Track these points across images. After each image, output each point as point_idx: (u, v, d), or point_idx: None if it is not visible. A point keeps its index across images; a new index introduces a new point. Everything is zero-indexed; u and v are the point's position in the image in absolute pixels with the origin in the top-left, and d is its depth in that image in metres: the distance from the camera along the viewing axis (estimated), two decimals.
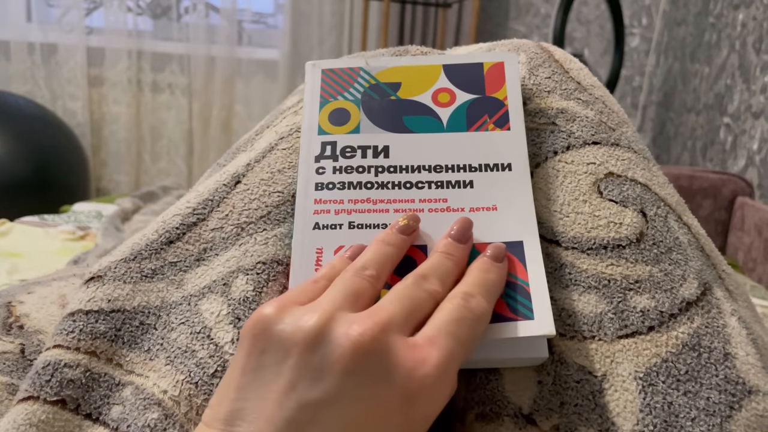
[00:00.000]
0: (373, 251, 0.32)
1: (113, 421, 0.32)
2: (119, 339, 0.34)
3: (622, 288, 0.34)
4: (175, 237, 0.38)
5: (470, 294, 0.29)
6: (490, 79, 0.39)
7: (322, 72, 0.41)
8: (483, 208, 0.35)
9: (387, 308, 0.27)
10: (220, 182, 0.40)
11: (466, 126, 0.38)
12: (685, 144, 1.72)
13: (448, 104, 0.39)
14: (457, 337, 0.27)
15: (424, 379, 0.25)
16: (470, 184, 0.36)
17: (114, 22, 2.43)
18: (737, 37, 1.46)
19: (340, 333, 0.25)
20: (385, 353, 0.25)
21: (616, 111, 0.42)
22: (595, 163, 0.38)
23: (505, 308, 0.31)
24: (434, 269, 0.31)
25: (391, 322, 0.26)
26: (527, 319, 0.31)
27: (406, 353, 0.26)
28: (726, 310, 0.35)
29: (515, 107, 0.38)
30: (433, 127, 0.38)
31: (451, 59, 0.40)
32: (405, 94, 0.39)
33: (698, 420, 0.31)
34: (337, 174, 0.36)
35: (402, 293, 0.29)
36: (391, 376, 0.25)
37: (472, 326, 0.28)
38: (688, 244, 0.37)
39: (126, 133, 2.50)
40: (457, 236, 0.33)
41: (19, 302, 0.47)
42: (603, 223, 0.36)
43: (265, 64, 2.59)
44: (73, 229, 1.12)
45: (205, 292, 0.35)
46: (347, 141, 0.38)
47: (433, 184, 0.36)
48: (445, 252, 0.32)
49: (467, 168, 0.36)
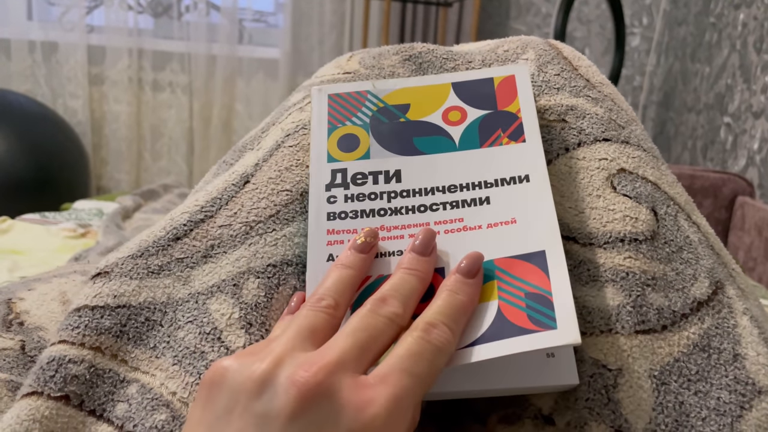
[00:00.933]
0: (330, 279, 0.31)
1: (118, 419, 0.32)
2: (124, 335, 0.34)
3: (641, 282, 0.34)
4: (183, 233, 0.37)
5: (432, 324, 0.28)
6: (502, 94, 0.38)
7: (328, 97, 0.40)
8: (501, 222, 0.33)
9: (338, 346, 0.27)
10: (229, 182, 0.40)
11: (479, 143, 0.36)
12: (685, 143, 1.72)
13: (459, 122, 0.38)
14: (411, 373, 0.26)
15: (372, 419, 0.25)
16: (487, 200, 0.34)
17: (115, 20, 2.42)
18: (738, 37, 1.46)
19: (285, 379, 0.25)
20: (330, 397, 0.25)
21: (624, 109, 0.42)
22: (607, 159, 0.38)
23: (525, 320, 0.30)
24: (395, 289, 0.30)
25: (341, 362, 0.26)
26: (550, 329, 0.29)
27: (352, 394, 0.25)
28: (738, 309, 0.34)
29: (529, 119, 0.37)
30: (445, 146, 0.37)
31: (460, 77, 0.40)
32: (414, 115, 0.38)
33: (709, 420, 0.31)
34: (349, 202, 0.35)
35: (357, 324, 0.28)
36: (337, 419, 0.24)
37: (431, 359, 0.27)
38: (699, 242, 0.37)
39: (127, 132, 2.50)
40: (419, 249, 0.32)
41: (19, 299, 0.47)
42: (619, 217, 0.36)
43: (266, 63, 2.59)
44: (74, 227, 1.12)
45: (214, 291, 0.35)
46: (358, 167, 0.37)
47: (448, 204, 0.35)
48: (408, 268, 0.31)
49: (483, 185, 0.35)
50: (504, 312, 0.30)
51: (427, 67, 0.45)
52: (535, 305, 0.30)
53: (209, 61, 2.51)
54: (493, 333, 0.29)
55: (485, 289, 0.31)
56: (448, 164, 0.36)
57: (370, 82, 0.40)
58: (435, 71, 0.45)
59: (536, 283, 0.31)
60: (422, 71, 0.45)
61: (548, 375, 0.31)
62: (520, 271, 0.31)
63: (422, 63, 0.45)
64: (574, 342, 0.28)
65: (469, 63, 0.45)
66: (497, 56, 0.45)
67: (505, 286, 0.31)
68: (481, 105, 0.38)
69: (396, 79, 0.40)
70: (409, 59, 0.46)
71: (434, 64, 0.45)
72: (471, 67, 0.45)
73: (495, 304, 0.31)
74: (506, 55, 0.44)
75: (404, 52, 0.46)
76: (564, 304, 0.30)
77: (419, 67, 0.45)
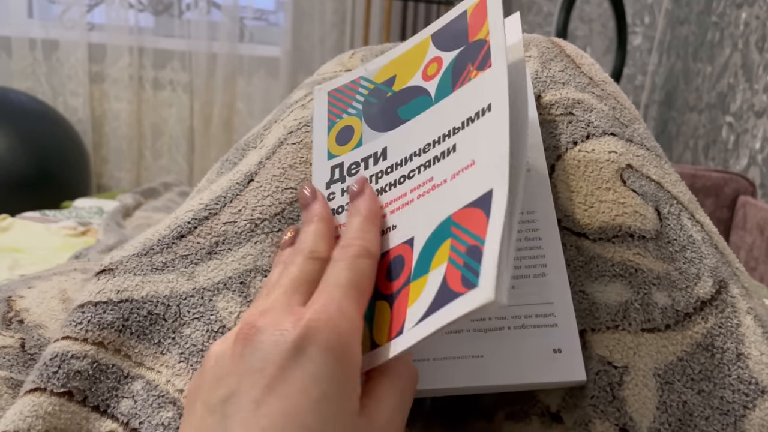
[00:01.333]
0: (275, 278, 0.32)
1: (123, 416, 0.31)
2: (127, 329, 0.34)
3: (648, 281, 0.33)
4: (187, 231, 0.37)
5: (344, 245, 0.30)
6: (473, 23, 0.34)
7: (328, 94, 0.39)
8: (462, 169, 0.30)
9: (270, 296, 0.28)
10: (234, 181, 0.40)
11: (451, 87, 0.34)
12: (687, 143, 1.72)
13: (435, 74, 0.35)
14: (336, 284, 0.28)
15: (307, 323, 0.25)
16: (453, 148, 0.31)
17: (115, 18, 2.42)
18: (740, 36, 1.46)
19: (229, 340, 0.27)
20: (265, 328, 0.26)
21: (628, 107, 0.41)
22: (617, 152, 0.37)
23: (458, 282, 0.26)
24: (302, 241, 0.32)
25: (271, 306, 0.27)
26: (472, 287, 0.25)
27: (285, 318, 0.26)
28: (741, 308, 0.34)
29: (497, 41, 0.32)
30: (424, 105, 0.34)
31: (439, 23, 0.37)
32: (399, 85, 0.37)
33: (712, 419, 0.31)
34: (345, 195, 0.35)
35: (279, 278, 0.29)
36: (276, 340, 0.25)
37: (352, 267, 0.29)
38: (702, 241, 0.36)
39: (127, 130, 2.50)
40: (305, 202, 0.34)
41: (19, 297, 0.47)
42: (629, 211, 0.35)
43: (267, 62, 2.58)
44: (74, 225, 1.12)
45: (220, 288, 0.35)
46: (352, 158, 0.36)
47: (422, 167, 0.32)
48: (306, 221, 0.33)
49: (451, 132, 0.32)
50: (447, 275, 0.27)
51: None
52: (469, 260, 0.26)
53: (210, 59, 2.51)
54: (435, 304, 0.27)
55: (440, 252, 0.28)
56: (425, 123, 0.34)
57: (362, 66, 0.39)
58: None
59: (476, 231, 0.27)
60: None
61: (554, 371, 0.30)
62: (468, 221, 0.28)
63: None
64: (487, 301, 0.24)
65: None
66: None
67: (456, 244, 0.28)
68: (455, 45, 0.35)
69: (384, 54, 0.39)
70: None
71: None
72: None
73: (444, 267, 0.27)
74: None
75: None
76: (490, 253, 0.25)
77: None
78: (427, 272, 0.28)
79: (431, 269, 0.28)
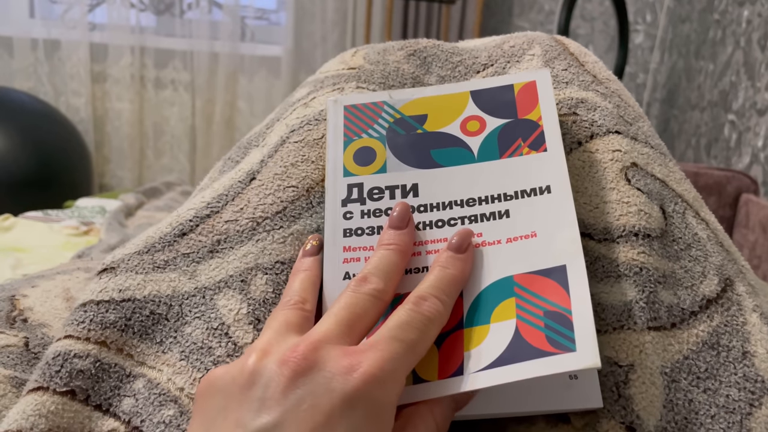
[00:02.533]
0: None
1: (125, 414, 0.31)
2: (129, 329, 0.34)
3: (654, 279, 0.33)
4: (188, 229, 0.37)
5: (422, 297, 0.29)
6: (522, 101, 0.37)
7: (344, 109, 0.39)
8: (521, 236, 0.32)
9: (320, 328, 0.28)
10: (236, 179, 0.40)
11: (498, 153, 0.35)
12: (689, 141, 1.72)
13: (477, 132, 0.36)
14: (400, 339, 0.27)
15: (364, 380, 0.25)
16: (506, 213, 0.33)
17: (117, 18, 2.42)
18: (742, 34, 1.45)
19: (274, 363, 0.26)
20: (320, 367, 0.26)
21: (632, 105, 0.41)
22: (621, 151, 0.37)
23: (544, 341, 0.28)
24: (374, 266, 0.31)
25: (325, 338, 0.27)
26: (568, 351, 0.28)
27: (342, 360, 0.26)
28: (747, 306, 0.34)
29: (551, 126, 0.35)
30: (464, 158, 0.35)
31: (479, 84, 0.38)
32: (432, 126, 0.37)
33: (718, 417, 0.31)
34: (365, 219, 0.34)
35: (338, 305, 0.29)
36: (330, 385, 0.25)
37: (421, 328, 0.28)
38: (707, 239, 0.36)
39: (129, 130, 2.50)
40: (395, 223, 0.33)
41: (22, 296, 0.47)
42: (633, 211, 0.35)
43: (268, 61, 2.58)
44: (77, 224, 1.12)
45: (222, 287, 0.35)
46: (374, 182, 0.36)
47: (466, 219, 0.34)
48: (386, 244, 0.32)
49: (502, 197, 0.34)
50: (522, 332, 0.29)
51: (431, 62, 0.45)
52: (554, 325, 0.29)
53: (211, 58, 2.51)
54: (510, 355, 0.29)
55: (504, 308, 0.30)
56: (466, 177, 0.35)
57: (386, 92, 0.39)
58: (440, 65, 0.44)
59: (556, 300, 0.30)
60: (427, 66, 0.44)
61: (572, 398, 0.30)
62: (540, 288, 0.30)
63: (427, 57, 0.45)
64: (593, 365, 0.27)
65: (476, 59, 0.45)
66: (503, 52, 0.44)
67: (523, 304, 0.30)
68: (501, 114, 0.37)
69: (413, 89, 0.39)
70: (414, 54, 0.45)
71: (439, 58, 0.45)
72: (477, 62, 0.44)
73: (513, 323, 0.30)
74: (512, 51, 0.44)
75: (409, 47, 0.46)
76: (584, 323, 0.28)
77: (424, 61, 0.45)
78: (487, 323, 0.30)
79: (492, 321, 0.30)
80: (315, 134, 0.40)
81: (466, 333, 0.30)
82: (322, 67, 0.48)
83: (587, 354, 0.27)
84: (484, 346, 0.29)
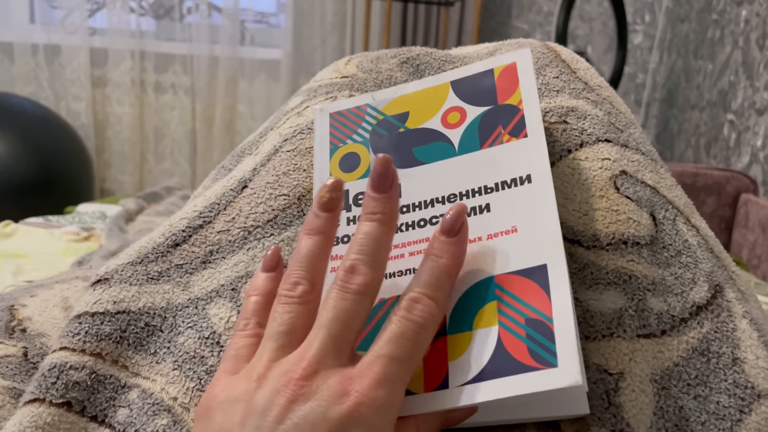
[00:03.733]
0: (301, 253, 0.30)
1: (120, 424, 0.32)
2: (124, 341, 0.34)
3: (643, 287, 0.33)
4: (182, 240, 0.38)
5: (414, 299, 0.28)
6: (502, 85, 0.35)
7: (330, 116, 0.38)
8: (502, 232, 0.31)
9: (314, 344, 0.27)
10: (228, 187, 0.40)
11: (479, 143, 0.34)
12: (688, 141, 1.72)
13: (458, 124, 0.35)
14: (395, 357, 0.27)
15: (359, 406, 0.25)
16: (487, 208, 0.32)
17: (117, 22, 2.43)
18: (740, 34, 1.45)
19: (268, 391, 0.26)
20: (315, 395, 0.26)
21: (623, 112, 0.41)
22: (610, 159, 0.37)
23: (526, 354, 0.27)
24: (360, 250, 0.28)
25: (319, 361, 0.26)
26: (550, 366, 0.27)
27: (337, 387, 0.26)
28: (737, 312, 0.34)
29: (531, 110, 0.33)
30: (445, 152, 0.34)
31: (460, 73, 0.37)
32: (413, 123, 0.36)
33: (708, 424, 0.31)
34: (351, 225, 0.34)
35: (329, 314, 0.28)
36: (326, 413, 0.25)
37: (414, 338, 0.27)
38: (698, 246, 0.36)
39: (129, 134, 2.51)
40: (375, 185, 0.29)
41: (21, 305, 0.47)
42: (623, 219, 0.35)
43: (268, 64, 2.59)
44: (78, 230, 1.13)
45: (213, 296, 0.35)
46: (359, 187, 0.35)
47: None
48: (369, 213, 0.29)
49: (483, 190, 0.32)
50: (504, 342, 0.28)
51: (424, 69, 0.45)
52: (536, 335, 0.28)
53: (211, 62, 2.51)
54: (493, 368, 0.28)
55: (486, 313, 0.29)
56: (448, 172, 0.34)
57: (369, 94, 0.38)
58: (433, 73, 0.45)
59: (537, 306, 0.28)
60: (420, 74, 0.45)
61: (558, 406, 0.30)
62: (521, 291, 0.29)
63: (420, 65, 0.45)
64: (574, 383, 0.26)
65: None
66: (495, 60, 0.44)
67: (505, 309, 0.29)
68: (481, 101, 0.35)
69: (395, 87, 0.38)
70: (407, 62, 0.46)
71: (432, 66, 0.45)
72: None
73: (495, 331, 0.29)
74: None
75: (402, 55, 0.46)
76: (565, 334, 0.27)
77: (416, 69, 0.45)
78: (470, 329, 0.29)
79: (475, 327, 0.29)
80: (307, 143, 0.40)
81: (449, 340, 0.30)
82: (316, 75, 0.48)
83: (569, 371, 0.26)
84: (468, 356, 0.29)
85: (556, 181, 0.37)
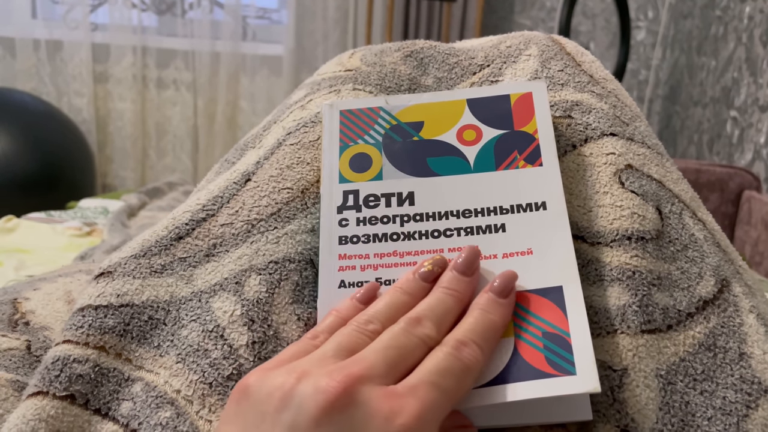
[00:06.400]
0: (385, 302, 0.31)
1: (123, 417, 0.32)
2: (128, 334, 0.34)
3: (647, 282, 0.33)
4: (185, 233, 0.38)
5: (462, 342, 0.28)
6: (518, 112, 0.37)
7: (340, 114, 0.39)
8: (517, 253, 0.33)
9: (368, 358, 0.27)
10: (231, 180, 0.40)
11: (494, 165, 0.35)
12: (691, 137, 1.71)
13: (474, 142, 0.36)
14: (439, 388, 0.26)
15: (399, 429, 0.25)
16: (502, 227, 0.34)
17: (119, 18, 2.43)
18: (744, 30, 1.45)
19: (310, 387, 0.25)
20: (358, 405, 0.25)
21: (629, 105, 0.41)
22: (615, 154, 0.37)
23: (543, 363, 0.29)
24: (431, 309, 0.30)
25: (369, 374, 0.26)
26: (568, 374, 0.28)
27: (381, 403, 0.25)
28: (744, 307, 0.34)
29: (547, 141, 0.35)
30: (460, 168, 0.36)
31: (475, 93, 0.38)
32: (428, 133, 0.37)
33: (715, 419, 0.31)
34: (361, 226, 0.34)
35: (389, 342, 0.28)
36: (365, 426, 0.25)
37: (459, 376, 0.27)
38: (704, 240, 0.36)
39: (131, 130, 2.51)
40: (461, 268, 0.31)
41: (24, 299, 0.47)
42: (626, 214, 0.35)
43: (270, 60, 2.58)
44: (80, 225, 1.12)
45: (217, 290, 0.35)
46: (370, 189, 0.36)
47: (462, 230, 0.34)
48: (447, 288, 0.31)
49: (498, 210, 0.34)
50: (521, 351, 0.30)
51: (428, 63, 0.45)
52: (553, 347, 0.29)
53: (213, 58, 2.51)
54: (510, 373, 0.29)
55: None
56: (462, 187, 0.35)
57: (383, 98, 0.39)
58: (437, 66, 0.44)
59: (554, 321, 0.30)
60: (424, 67, 0.45)
61: (562, 411, 0.30)
62: (537, 307, 0.31)
63: (424, 59, 0.45)
64: (593, 390, 0.28)
65: (472, 59, 0.45)
66: (500, 52, 0.44)
67: (521, 323, 0.30)
68: (497, 124, 0.37)
69: (409, 95, 0.39)
70: (411, 55, 0.45)
71: (436, 60, 0.45)
72: (473, 62, 0.44)
73: (511, 341, 0.30)
74: (509, 51, 0.44)
75: (406, 49, 0.46)
76: (583, 347, 0.29)
77: (420, 62, 0.45)
78: None
79: None
80: (311, 136, 0.40)
81: None
82: (319, 69, 0.48)
83: (588, 378, 0.28)
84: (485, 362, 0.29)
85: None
